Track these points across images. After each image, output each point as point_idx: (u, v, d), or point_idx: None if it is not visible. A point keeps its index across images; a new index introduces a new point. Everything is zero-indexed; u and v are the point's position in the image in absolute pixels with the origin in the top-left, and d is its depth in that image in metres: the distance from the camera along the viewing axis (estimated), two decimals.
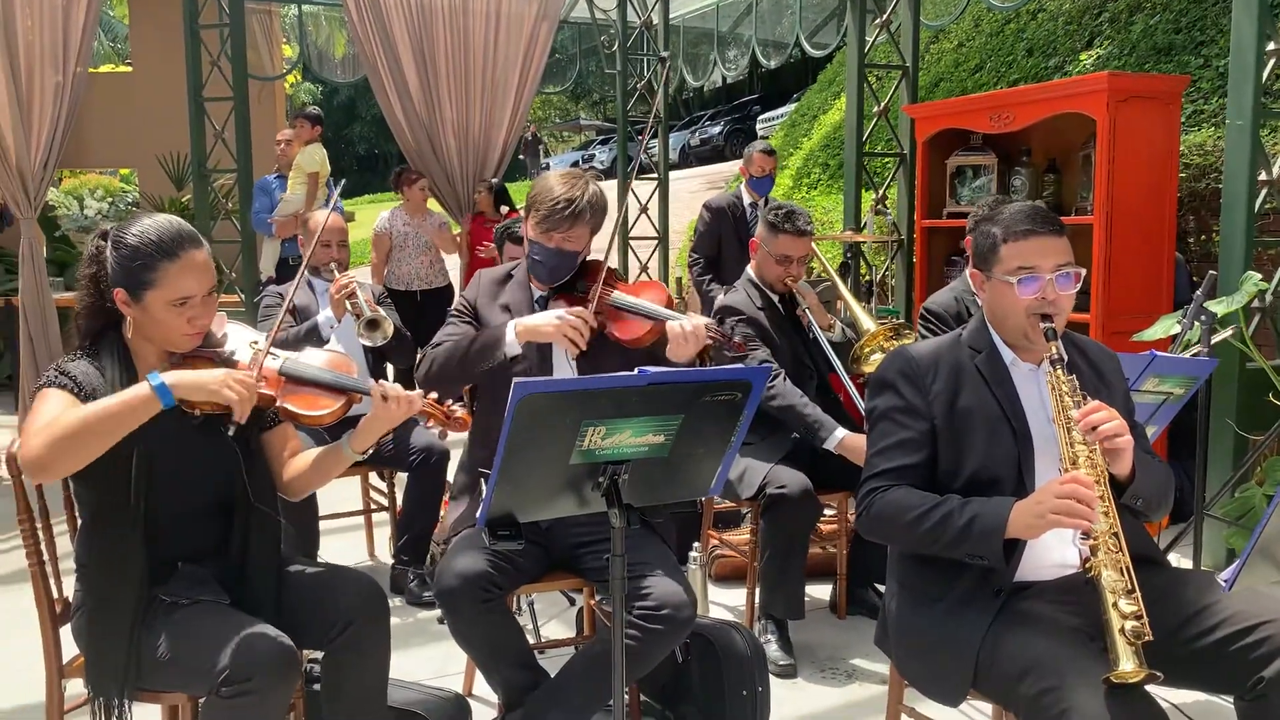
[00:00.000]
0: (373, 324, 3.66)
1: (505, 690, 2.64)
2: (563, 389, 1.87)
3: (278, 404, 2.22)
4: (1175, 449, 4.40)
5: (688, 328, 2.62)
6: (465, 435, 2.83)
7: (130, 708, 2.10)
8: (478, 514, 2.06)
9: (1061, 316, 2.15)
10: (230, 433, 2.06)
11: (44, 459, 1.96)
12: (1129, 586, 1.85)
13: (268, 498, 2.28)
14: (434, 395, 2.33)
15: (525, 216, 2.77)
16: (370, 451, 2.33)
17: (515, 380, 1.79)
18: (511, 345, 2.66)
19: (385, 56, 7.22)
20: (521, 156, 28.13)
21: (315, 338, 3.75)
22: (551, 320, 2.63)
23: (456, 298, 2.88)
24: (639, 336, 2.72)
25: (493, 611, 2.51)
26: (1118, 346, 3.38)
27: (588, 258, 2.83)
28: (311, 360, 2.33)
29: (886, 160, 7.09)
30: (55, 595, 2.28)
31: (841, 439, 3.37)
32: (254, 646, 2.00)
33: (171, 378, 2.01)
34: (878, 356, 3.64)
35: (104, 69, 12.75)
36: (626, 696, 2.74)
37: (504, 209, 7.39)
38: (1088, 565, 1.90)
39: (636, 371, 1.88)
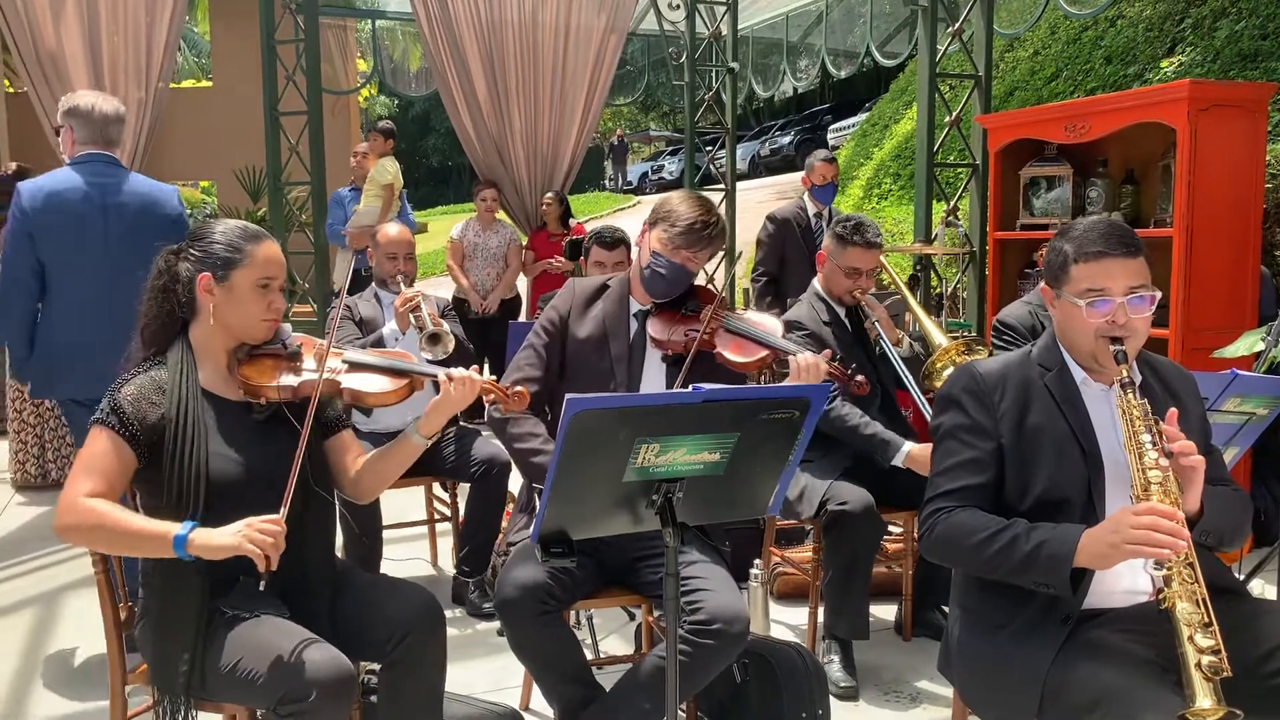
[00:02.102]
0: (434, 338, 3.69)
1: (561, 704, 2.62)
2: (616, 406, 1.84)
3: (342, 386, 2.28)
4: (1260, 471, 4.24)
5: (807, 360, 2.65)
6: None
7: (195, 717, 2.14)
8: (530, 530, 2.04)
9: (1136, 339, 2.07)
10: (261, 586, 2.04)
11: (68, 539, 2.13)
12: (1206, 620, 1.77)
13: (324, 501, 2.31)
14: (492, 375, 2.35)
15: (650, 228, 2.77)
16: (436, 437, 2.37)
17: (567, 397, 1.77)
18: None
19: (456, 69, 7.31)
20: (609, 160, 28.62)
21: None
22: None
23: (547, 307, 2.90)
24: (752, 361, 2.73)
25: (550, 624, 2.49)
26: (1198, 364, 3.26)
27: (698, 285, 2.86)
28: (371, 352, 2.44)
29: (959, 171, 6.97)
30: (120, 602, 2.32)
31: (909, 452, 3.30)
32: (312, 665, 2.01)
33: (196, 536, 2.02)
34: (950, 372, 3.55)
35: (186, 84, 13.11)
36: (684, 714, 2.71)
37: (573, 222, 7.41)
38: (1161, 596, 1.82)
39: (691, 388, 1.85)
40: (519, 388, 2.37)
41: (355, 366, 2.34)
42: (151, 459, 2.15)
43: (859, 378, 2.82)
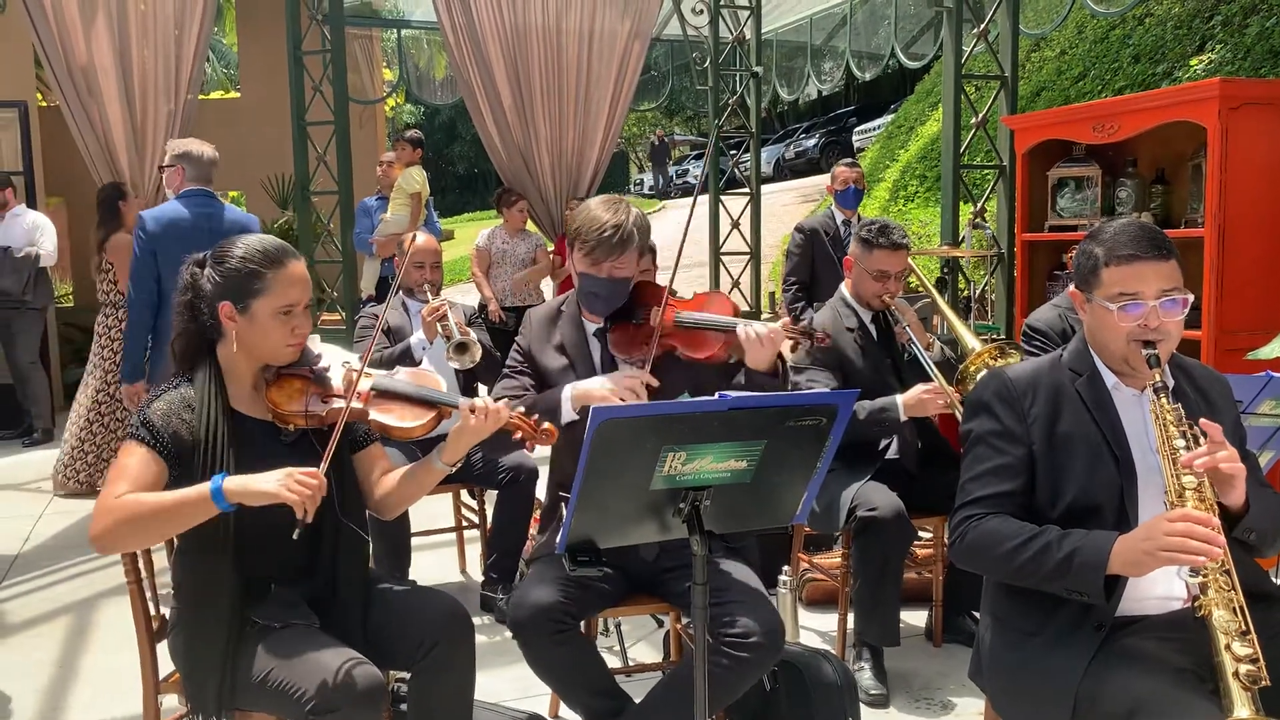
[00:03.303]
0: (461, 347, 3.70)
1: (587, 716, 2.62)
2: (642, 414, 1.84)
3: (370, 417, 2.27)
4: None
5: (761, 332, 2.54)
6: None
7: None
8: (557, 540, 2.04)
9: (1169, 342, 2.04)
10: (294, 535, 2.00)
11: (106, 542, 2.06)
12: (1243, 628, 1.74)
13: (356, 515, 2.31)
14: (521, 408, 2.34)
15: (571, 249, 2.72)
16: (460, 464, 2.35)
17: (594, 406, 1.77)
18: (567, 413, 2.58)
19: (481, 77, 7.34)
20: (647, 164, 28.40)
21: (408, 359, 3.82)
22: (605, 386, 2.55)
23: (513, 345, 2.85)
24: (714, 352, 2.64)
25: (566, 643, 2.47)
26: (1231, 366, 3.21)
27: (638, 282, 2.77)
28: (401, 377, 2.40)
29: (986, 172, 6.93)
30: (152, 612, 2.34)
31: (903, 404, 3.26)
32: (343, 676, 2.02)
33: (231, 484, 2.02)
34: (984, 376, 3.51)
35: (214, 95, 13.23)
36: None
37: None
38: (1197, 604, 1.79)
39: (717, 396, 1.84)
40: (547, 424, 2.33)
41: (383, 394, 2.32)
42: (182, 474, 2.14)
43: (818, 333, 2.73)
